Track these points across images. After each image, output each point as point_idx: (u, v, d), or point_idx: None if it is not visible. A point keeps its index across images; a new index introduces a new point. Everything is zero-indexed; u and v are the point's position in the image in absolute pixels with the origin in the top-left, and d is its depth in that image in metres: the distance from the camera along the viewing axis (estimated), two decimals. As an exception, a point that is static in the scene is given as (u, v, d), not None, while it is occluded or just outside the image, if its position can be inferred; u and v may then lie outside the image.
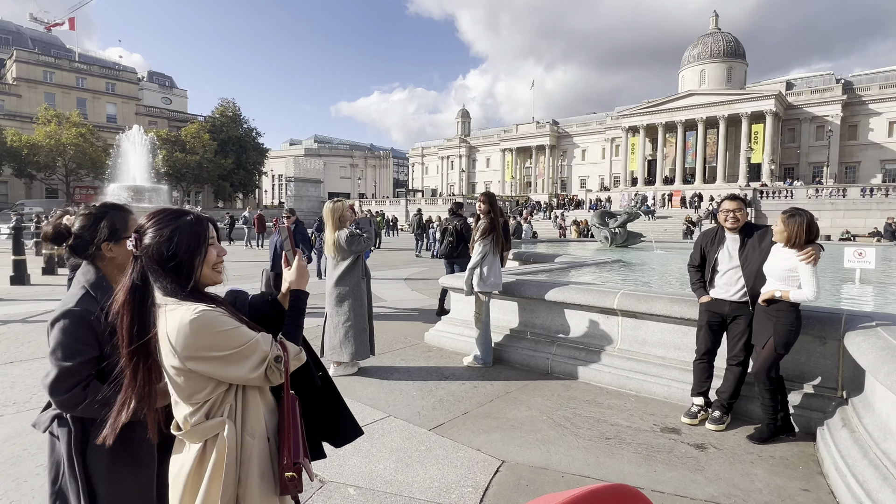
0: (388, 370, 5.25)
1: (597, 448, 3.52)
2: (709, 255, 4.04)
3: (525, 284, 5.55)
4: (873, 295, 6.47)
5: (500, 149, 79.16)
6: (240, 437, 1.37)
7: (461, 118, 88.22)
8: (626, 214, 14.47)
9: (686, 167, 58.02)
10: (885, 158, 51.11)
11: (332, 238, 5.06)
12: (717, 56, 60.52)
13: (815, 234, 3.49)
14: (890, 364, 2.66)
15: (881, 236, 26.52)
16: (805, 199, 33.56)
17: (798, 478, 3.14)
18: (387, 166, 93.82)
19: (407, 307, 9.03)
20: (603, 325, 5.04)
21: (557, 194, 68.70)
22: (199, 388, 1.35)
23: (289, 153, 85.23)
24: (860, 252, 6.58)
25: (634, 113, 61.46)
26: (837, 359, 3.79)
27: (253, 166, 61.09)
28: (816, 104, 53.88)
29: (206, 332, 1.29)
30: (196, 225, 1.44)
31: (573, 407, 4.27)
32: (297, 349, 1.49)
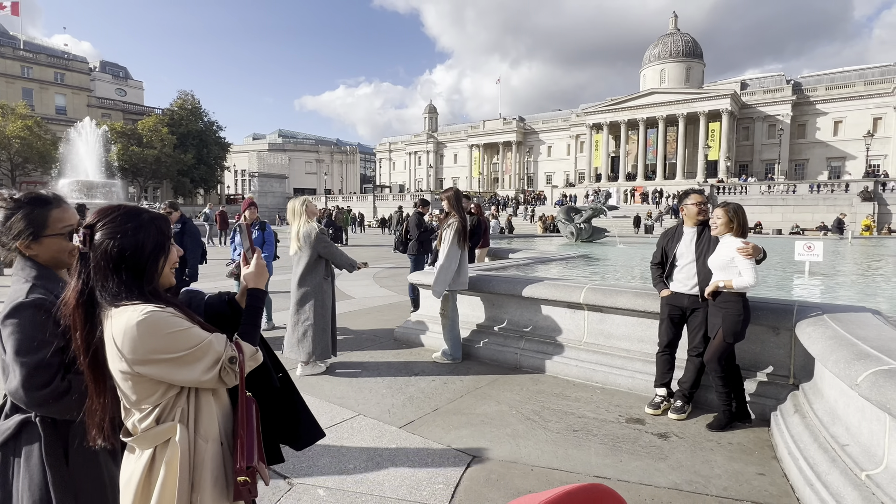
0: (358, 368, 5.20)
1: (565, 440, 3.58)
2: (668, 251, 4.19)
3: (493, 280, 5.58)
4: (822, 286, 6.81)
5: (467, 144, 79.41)
6: (192, 441, 1.32)
7: (428, 114, 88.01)
8: (590, 210, 14.78)
9: (647, 164, 59.64)
10: (831, 156, 53.86)
11: (296, 229, 4.96)
12: (677, 56, 62.31)
13: (747, 221, 3.81)
14: (838, 352, 2.80)
15: (828, 230, 27.94)
16: (758, 195, 35.02)
17: (754, 462, 3.27)
18: (353, 162, 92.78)
19: (376, 304, 8.96)
20: (570, 320, 5.13)
21: (524, 190, 69.47)
22: (149, 393, 1.29)
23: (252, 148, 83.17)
24: (809, 246, 6.91)
25: (598, 110, 62.69)
26: (790, 348, 3.97)
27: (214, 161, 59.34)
28: (768, 104, 56.27)
29: (156, 333, 1.24)
30: (159, 222, 1.39)
31: (542, 400, 4.34)
32: (253, 349, 1.44)
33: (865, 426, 2.65)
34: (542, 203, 53.17)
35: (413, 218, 8.24)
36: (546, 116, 78.21)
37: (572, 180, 68.65)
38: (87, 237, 1.29)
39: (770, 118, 56.21)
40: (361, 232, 38.72)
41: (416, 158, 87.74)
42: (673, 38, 63.57)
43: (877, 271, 8.77)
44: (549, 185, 68.29)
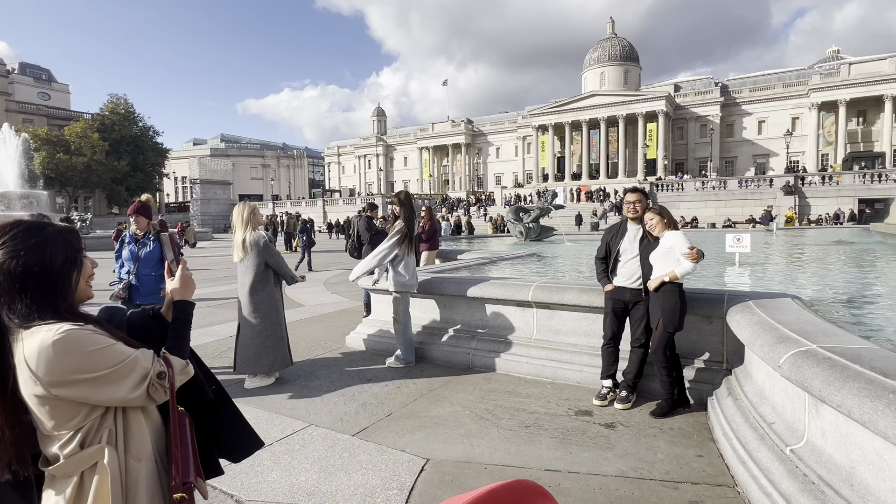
0: (309, 377, 5.08)
1: (517, 437, 3.64)
2: (612, 247, 4.34)
3: (444, 282, 5.61)
4: (750, 275, 7.28)
5: (417, 147, 79.44)
6: (123, 462, 1.26)
7: (377, 116, 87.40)
8: (538, 210, 15.12)
9: (591, 163, 61.68)
10: (757, 154, 57.61)
11: (241, 237, 4.78)
12: (615, 60, 64.86)
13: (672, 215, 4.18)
14: (763, 337, 3.00)
15: (757, 222, 29.88)
16: (694, 191, 36.96)
17: (693, 446, 3.45)
18: (301, 166, 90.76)
19: (327, 311, 8.80)
20: (519, 318, 5.22)
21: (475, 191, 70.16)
22: (70, 416, 1.22)
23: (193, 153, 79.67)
24: (738, 238, 7.36)
25: (543, 112, 64.28)
26: (722, 335, 4.22)
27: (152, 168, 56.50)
28: (699, 105, 59.55)
29: (74, 352, 1.17)
30: (68, 234, 1.31)
31: (494, 399, 4.39)
32: (183, 363, 1.40)
33: (788, 404, 2.85)
34: (492, 204, 53.95)
35: (362, 222, 8.14)
36: (493, 118, 79.45)
37: (521, 181, 70.01)
38: None
39: (702, 118, 59.49)
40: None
41: (365, 162, 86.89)
42: (611, 42, 66.13)
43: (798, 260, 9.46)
44: (498, 186, 69.34)
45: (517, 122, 72.26)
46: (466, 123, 76.85)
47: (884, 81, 48.80)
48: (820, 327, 2.98)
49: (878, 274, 7.56)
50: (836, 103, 51.09)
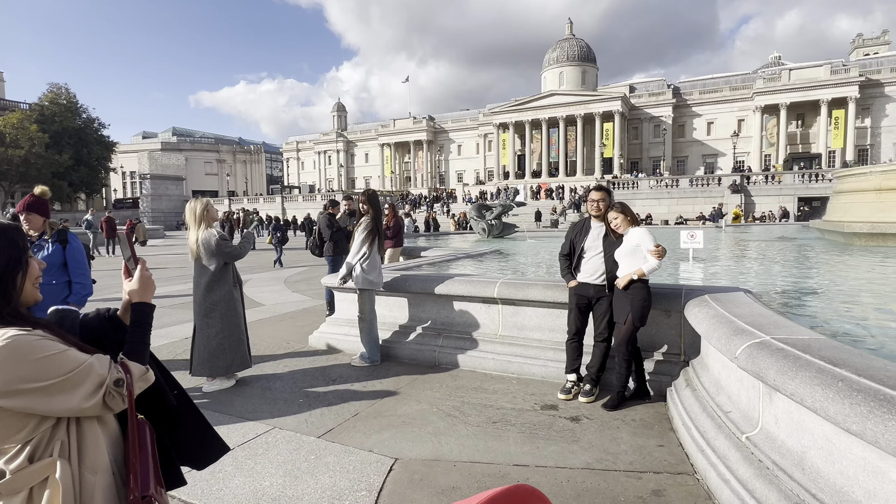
0: (271, 378, 4.94)
1: (485, 433, 3.65)
2: (576, 244, 4.41)
3: (409, 279, 5.57)
4: (703, 270, 7.58)
5: (378, 143, 78.70)
6: (78, 475, 1.17)
7: (337, 112, 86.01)
8: (500, 207, 15.25)
9: (551, 161, 62.83)
10: (706, 153, 60.14)
11: (194, 238, 4.59)
12: (574, 60, 66.15)
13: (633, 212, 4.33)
14: (719, 330, 3.12)
15: (706, 219, 31.20)
16: (648, 189, 38.21)
17: (654, 436, 3.55)
18: (259, 161, 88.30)
19: (288, 310, 8.59)
20: (485, 314, 5.24)
21: (436, 188, 70.19)
22: (17, 429, 1.12)
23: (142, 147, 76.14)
24: (692, 234, 7.64)
25: (503, 110, 64.92)
26: (680, 328, 4.36)
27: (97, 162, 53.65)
28: (653, 106, 61.62)
29: (21, 360, 1.08)
30: (11, 232, 1.21)
31: (461, 396, 4.39)
32: (143, 369, 1.31)
33: (744, 394, 2.97)
34: (454, 201, 54.12)
35: (323, 219, 7.99)
36: (455, 116, 79.59)
37: (482, 178, 70.51)
38: None
39: (655, 119, 61.57)
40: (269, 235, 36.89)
41: (325, 158, 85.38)
42: (569, 43, 67.38)
43: (746, 255, 9.94)
44: (460, 183, 69.64)
45: (478, 120, 72.68)
46: (428, 120, 76.69)
47: (820, 87, 51.88)
48: (772, 319, 3.12)
49: (817, 267, 8.02)
50: (777, 107, 53.95)
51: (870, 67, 53.59)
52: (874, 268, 7.39)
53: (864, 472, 2.00)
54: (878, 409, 1.83)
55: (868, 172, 10.34)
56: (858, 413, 1.89)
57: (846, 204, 10.74)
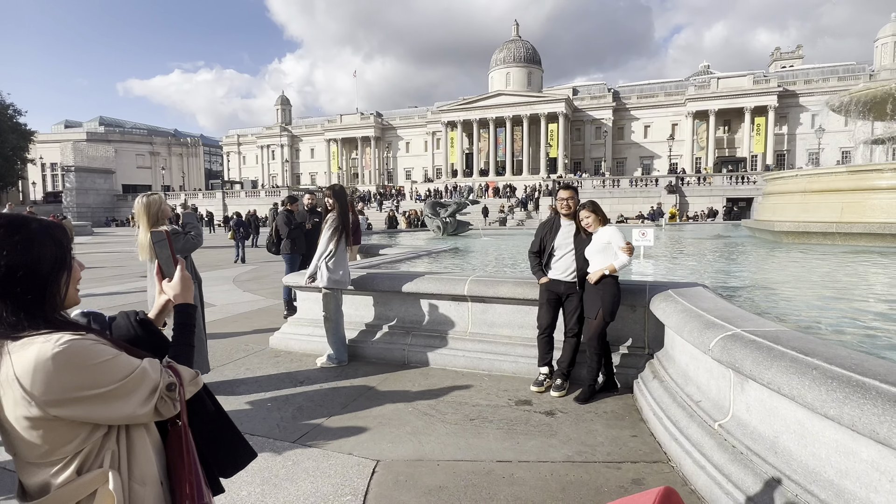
0: (233, 384, 4.71)
1: (464, 431, 3.65)
2: (546, 242, 4.47)
3: (377, 277, 5.47)
4: (655, 267, 7.95)
5: (324, 139, 76.92)
6: (127, 487, 1.11)
7: (281, 105, 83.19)
8: (455, 205, 15.30)
9: (498, 160, 63.80)
10: (643, 155, 63.09)
11: (145, 238, 4.27)
12: (520, 61, 67.43)
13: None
14: (691, 323, 3.27)
15: (645, 218, 32.73)
16: (591, 188, 39.60)
17: (627, 427, 3.68)
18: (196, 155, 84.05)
19: (242, 310, 8.22)
20: (454, 312, 5.24)
21: (384, 185, 69.48)
22: (67, 439, 1.06)
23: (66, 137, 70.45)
24: (643, 233, 8.00)
25: (451, 109, 65.22)
26: (644, 322, 4.55)
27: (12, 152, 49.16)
28: (595, 109, 63.92)
29: (78, 366, 1.03)
30: (55, 230, 1.13)
31: (435, 394, 4.37)
32: (193, 373, 1.27)
33: (713, 384, 3.13)
34: (403, 198, 53.87)
35: (281, 216, 7.71)
36: (403, 113, 79.13)
37: (431, 176, 70.50)
38: None
39: (597, 121, 63.90)
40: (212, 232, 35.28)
41: (269, 152, 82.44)
42: (516, 44, 68.61)
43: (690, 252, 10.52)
44: (408, 181, 69.38)
45: (427, 118, 72.62)
46: (376, 116, 75.78)
47: (744, 95, 55.71)
48: (737, 313, 3.31)
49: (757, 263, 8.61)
50: (707, 113, 57.42)
51: (787, 79, 58.14)
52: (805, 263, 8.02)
53: (836, 453, 2.15)
54: (854, 395, 1.98)
55: (795, 176, 11.22)
56: (835, 398, 2.03)
57: (775, 205, 11.59)
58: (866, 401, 1.92)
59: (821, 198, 10.11)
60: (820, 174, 10.55)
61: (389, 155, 75.80)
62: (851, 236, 9.12)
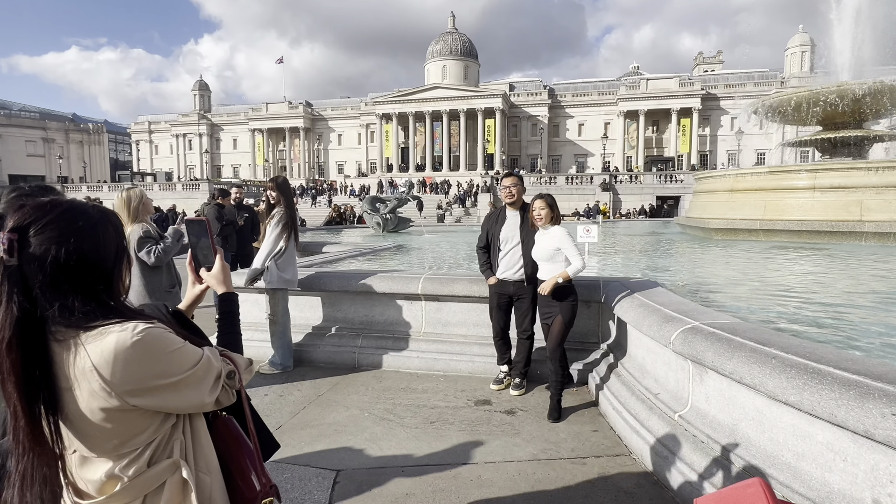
0: (165, 395, 4.40)
1: (425, 434, 3.63)
2: (492, 235, 4.43)
3: (325, 277, 5.31)
4: (601, 263, 8.31)
5: (249, 129, 73.76)
6: (194, 477, 1.13)
7: (199, 90, 78.75)
8: (395, 200, 15.21)
9: (435, 155, 64.11)
10: (578, 153, 65.81)
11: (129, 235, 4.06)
12: (456, 54, 68.11)
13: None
14: (650, 318, 3.44)
15: (581, 215, 34.15)
16: (529, 185, 40.73)
17: (587, 422, 3.82)
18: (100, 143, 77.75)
19: (166, 315, 7.69)
20: (408, 311, 5.20)
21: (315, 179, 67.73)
22: (141, 430, 1.08)
23: (-65, 119, 62.69)
24: (588, 230, 8.29)
25: (387, 101, 64.73)
26: (598, 318, 4.74)
27: None
28: (531, 105, 65.84)
29: (157, 354, 1.05)
30: (115, 218, 1.15)
31: (391, 398, 4.31)
32: (247, 360, 1.31)
33: (672, 376, 3.32)
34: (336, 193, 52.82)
35: (211, 211, 7.30)
36: (335, 103, 77.52)
37: (365, 170, 69.66)
38: (13, 245, 0.98)
39: (533, 118, 65.86)
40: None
41: (185, 142, 77.84)
42: (452, 36, 69.21)
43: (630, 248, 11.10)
44: (341, 175, 68.06)
45: (360, 109, 71.59)
46: (305, 106, 73.69)
47: (671, 97, 59.58)
48: (691, 307, 3.53)
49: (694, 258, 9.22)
50: (637, 113, 60.86)
51: (709, 83, 62.77)
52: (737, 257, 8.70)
53: (793, 436, 2.35)
54: (811, 381, 2.16)
55: (723, 175, 12.14)
56: (795, 385, 2.21)
57: (705, 203, 12.48)
58: (823, 386, 2.11)
59: (746, 196, 11.00)
60: (745, 174, 11.49)
61: (320, 147, 73.97)
62: (774, 233, 10.00)
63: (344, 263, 7.15)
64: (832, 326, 4.22)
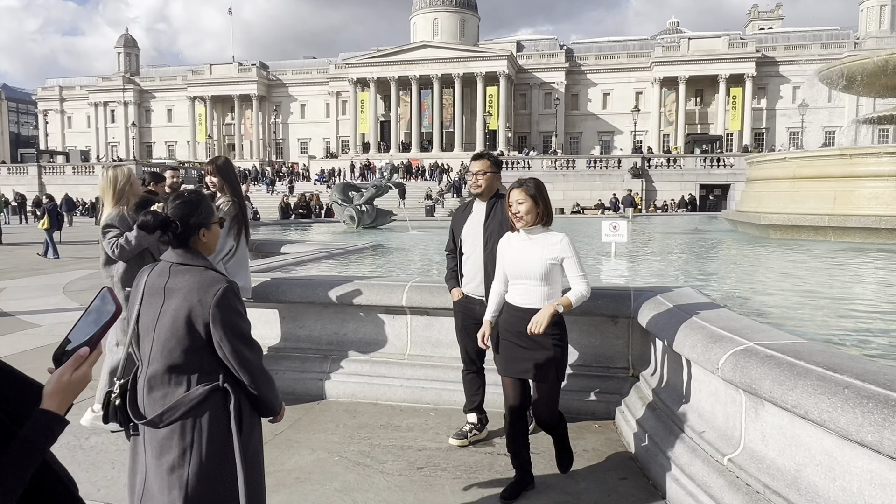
0: (80, 433, 4.39)
1: (411, 483, 3.64)
2: (456, 235, 4.26)
3: (284, 285, 5.31)
4: (631, 269, 8.37)
5: (187, 96, 73.54)
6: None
7: (124, 48, 78.48)
8: (374, 188, 15.21)
9: (423, 132, 64.26)
10: (602, 130, 66.27)
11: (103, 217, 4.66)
12: (450, 5, 68.32)
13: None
14: (692, 337, 3.44)
15: (605, 208, 34.35)
16: (541, 170, 40.94)
17: (613, 467, 3.84)
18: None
19: (81, 332, 7.65)
20: (389, 328, 5.21)
21: (272, 161, 67.62)
22: None
23: None
24: (615, 226, 8.39)
25: (363, 62, 64.79)
26: (627, 337, 4.77)
27: None
28: (544, 69, 66.17)
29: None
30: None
31: (367, 437, 4.32)
32: None
33: (720, 409, 3.34)
34: (298, 178, 52.81)
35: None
36: (297, 65, 77.51)
37: (334, 150, 69.60)
38: None
39: (546, 86, 66.15)
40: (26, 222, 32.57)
41: (107, 112, 77.51)
42: (445, -18, 69.39)
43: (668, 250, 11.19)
44: (304, 156, 67.88)
45: (329, 73, 71.56)
46: (259, 68, 73.58)
47: (719, 60, 60.14)
48: (744, 323, 3.56)
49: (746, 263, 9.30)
50: (676, 80, 61.39)
51: (766, 43, 63.44)
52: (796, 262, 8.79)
53: (870, 485, 2.37)
54: (894, 416, 2.19)
55: (784, 159, 12.27)
56: (873, 422, 2.23)
57: (760, 193, 12.61)
58: (909, 423, 2.13)
59: (811, 185, 11.12)
60: (811, 157, 11.62)
61: (278, 121, 73.85)
62: (846, 231, 10.11)
63: (308, 267, 7.15)
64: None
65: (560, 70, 65.62)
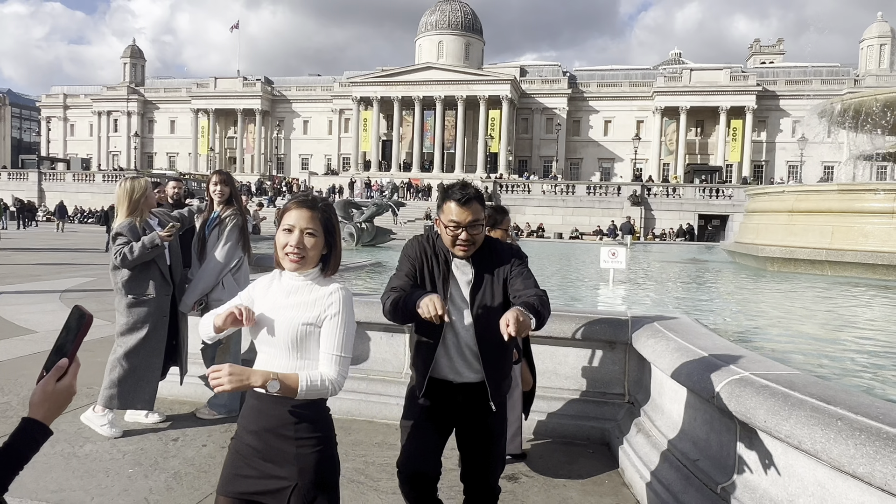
0: (76, 439, 4.40)
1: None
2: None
3: (284, 299, 5.35)
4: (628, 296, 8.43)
5: (191, 108, 74.05)
6: None
7: (130, 58, 79.15)
8: (374, 207, 15.31)
9: (425, 152, 64.69)
10: (602, 157, 66.79)
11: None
12: (456, 28, 69.19)
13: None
14: (689, 365, 3.50)
15: (604, 234, 34.51)
16: (541, 194, 41.25)
17: (607, 493, 3.86)
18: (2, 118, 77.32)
19: (77, 340, 7.66)
20: (386, 346, 5.24)
21: (272, 175, 67.87)
22: None
23: None
24: (613, 252, 8.46)
25: (367, 81, 65.41)
26: (624, 363, 4.80)
27: None
28: (547, 95, 66.90)
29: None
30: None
31: (362, 454, 4.34)
32: None
33: (714, 438, 3.38)
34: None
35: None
36: (301, 82, 78.20)
37: (335, 166, 69.94)
38: None
39: (548, 111, 66.83)
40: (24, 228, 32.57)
41: (110, 121, 77.91)
42: (451, 6, 70.38)
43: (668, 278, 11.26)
44: (305, 172, 68.22)
45: (333, 91, 72.22)
46: (264, 84, 74.21)
47: (720, 92, 60.88)
48: (740, 352, 3.60)
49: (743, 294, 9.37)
50: (677, 110, 62.04)
51: (767, 77, 64.29)
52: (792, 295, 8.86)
53: (861, 518, 2.41)
54: (885, 449, 2.23)
55: (782, 192, 12.41)
56: (865, 454, 2.28)
57: (759, 226, 12.73)
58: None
59: (809, 219, 11.24)
60: (809, 191, 11.76)
61: (281, 136, 74.30)
62: (842, 265, 10.20)
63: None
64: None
65: (563, 96, 66.36)
